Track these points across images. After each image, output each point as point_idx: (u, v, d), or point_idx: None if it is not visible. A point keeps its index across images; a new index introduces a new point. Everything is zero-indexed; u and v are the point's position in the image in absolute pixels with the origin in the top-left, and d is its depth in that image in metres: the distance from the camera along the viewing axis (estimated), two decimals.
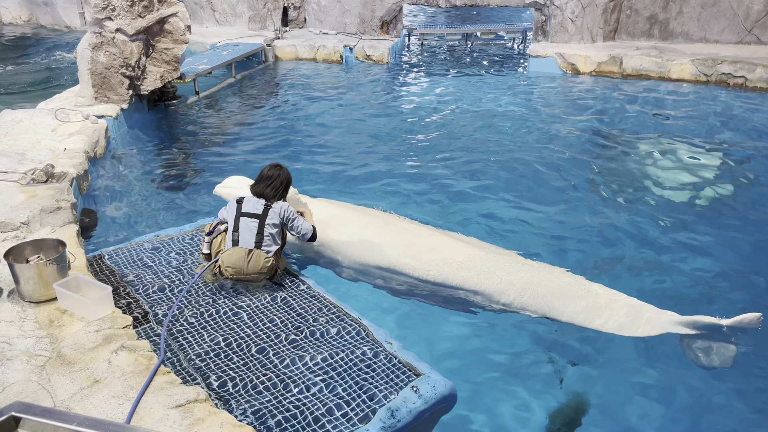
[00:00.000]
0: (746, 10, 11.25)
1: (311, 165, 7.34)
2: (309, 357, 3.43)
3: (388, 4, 13.20)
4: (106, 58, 7.54)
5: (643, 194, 6.44)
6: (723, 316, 4.00)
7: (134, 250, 4.66)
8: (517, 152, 7.68)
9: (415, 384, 3.18)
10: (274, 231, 4.26)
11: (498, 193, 6.50)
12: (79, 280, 3.63)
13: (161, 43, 8.37)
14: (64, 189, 5.09)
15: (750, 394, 3.78)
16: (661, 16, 11.88)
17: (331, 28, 13.81)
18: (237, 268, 4.16)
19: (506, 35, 15.78)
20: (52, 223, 4.55)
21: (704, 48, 11.39)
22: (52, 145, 6.26)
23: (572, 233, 5.66)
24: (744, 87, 10.15)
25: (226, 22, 14.31)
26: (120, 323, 3.41)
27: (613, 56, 11.09)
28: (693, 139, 8.03)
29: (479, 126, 8.73)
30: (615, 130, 8.54)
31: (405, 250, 4.67)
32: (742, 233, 5.65)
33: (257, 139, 8.30)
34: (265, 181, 4.38)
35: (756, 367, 3.96)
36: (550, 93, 10.52)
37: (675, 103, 9.71)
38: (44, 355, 3.11)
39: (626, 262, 5.18)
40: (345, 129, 8.74)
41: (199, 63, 10.37)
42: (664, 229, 5.70)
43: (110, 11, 7.51)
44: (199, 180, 6.91)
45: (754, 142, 8.00)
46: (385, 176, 6.96)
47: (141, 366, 3.04)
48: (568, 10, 11.96)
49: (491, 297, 4.38)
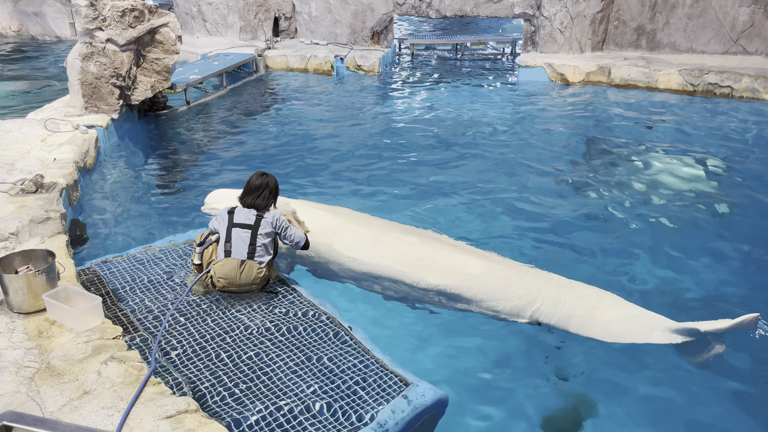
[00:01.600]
0: (732, 20, 11.42)
1: (302, 174, 7.35)
2: (300, 367, 3.43)
3: (379, 15, 13.28)
4: (97, 68, 7.53)
5: (632, 202, 6.50)
6: (720, 317, 4.06)
7: (125, 260, 4.64)
8: (507, 161, 7.73)
9: (406, 393, 3.18)
10: (266, 241, 4.26)
11: (488, 201, 6.54)
12: (69, 290, 3.61)
13: (152, 53, 8.37)
14: (54, 199, 5.07)
15: (750, 398, 3.81)
16: (648, 27, 12.03)
17: (322, 38, 13.87)
18: (229, 279, 4.14)
19: (496, 45, 15.91)
20: (42, 234, 4.53)
21: (691, 58, 11.53)
22: (41, 155, 6.23)
23: (563, 239, 5.71)
24: (730, 97, 10.27)
25: (217, 32, 14.34)
26: (110, 334, 3.39)
27: (601, 66, 11.20)
28: (680, 148, 8.12)
29: (469, 135, 8.78)
30: (603, 139, 8.62)
31: (399, 258, 4.67)
32: (730, 240, 5.72)
33: (248, 149, 8.31)
34: (255, 192, 4.36)
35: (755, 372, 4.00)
36: (540, 103, 10.60)
37: (662, 113, 9.82)
38: (33, 367, 3.09)
39: (618, 268, 5.22)
40: (336, 139, 8.77)
41: (190, 73, 10.37)
42: (653, 235, 5.76)
43: (101, 21, 7.51)
44: (189, 190, 6.90)
45: (739, 151, 8.09)
46: (376, 185, 6.99)
47: (131, 377, 3.03)
48: (557, 20, 12.08)
49: (484, 303, 4.40)
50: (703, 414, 3.69)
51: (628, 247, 5.59)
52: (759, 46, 11.41)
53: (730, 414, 3.69)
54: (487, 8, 12.73)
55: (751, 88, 10.07)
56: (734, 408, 3.72)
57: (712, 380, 3.92)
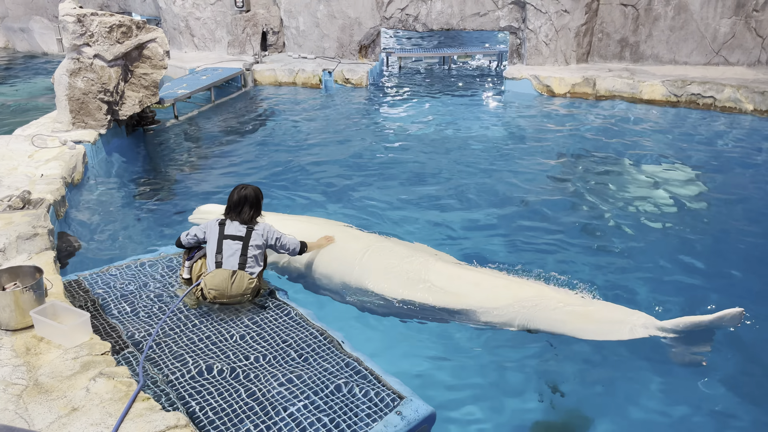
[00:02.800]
0: (713, 32, 11.62)
1: (290, 187, 7.36)
2: (292, 381, 3.42)
3: (366, 29, 13.39)
4: (84, 84, 7.53)
5: (616, 209, 6.57)
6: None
7: (113, 274, 4.62)
8: (494, 172, 7.79)
9: (399, 408, 3.18)
10: (257, 252, 4.27)
11: (475, 212, 6.58)
12: (56, 306, 3.59)
13: (140, 68, 8.38)
14: (41, 215, 5.05)
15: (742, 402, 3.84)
16: (632, 39, 12.21)
17: (310, 52, 13.94)
18: (220, 290, 4.14)
19: (482, 58, 16.07)
20: (29, 250, 4.50)
21: (674, 69, 11.71)
22: (28, 171, 6.21)
23: (550, 248, 5.76)
24: (713, 107, 10.43)
25: (205, 47, 14.38)
26: (98, 350, 3.37)
27: (586, 78, 11.34)
28: (663, 158, 8.23)
29: (457, 147, 8.84)
30: (589, 149, 8.71)
31: (386, 271, 4.69)
32: (712, 243, 5.84)
33: (236, 163, 8.31)
34: (236, 208, 4.37)
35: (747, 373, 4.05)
36: (526, 114, 10.70)
37: (647, 123, 9.95)
38: (21, 384, 3.07)
39: (605, 271, 5.29)
40: (324, 152, 8.79)
41: (178, 87, 10.39)
42: (637, 241, 5.83)
43: (88, 37, 7.52)
44: (177, 204, 6.89)
45: (721, 160, 8.21)
46: (364, 197, 7.01)
47: (120, 392, 3.01)
48: (542, 33, 12.24)
49: (473, 315, 4.42)
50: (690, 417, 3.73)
51: (612, 252, 5.68)
52: (740, 57, 11.61)
53: (707, 414, 3.73)
54: (473, 21, 12.87)
55: (733, 98, 10.23)
56: (710, 410, 3.76)
57: (696, 381, 3.96)
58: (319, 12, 13.47)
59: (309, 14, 13.59)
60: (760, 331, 4.36)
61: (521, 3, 12.29)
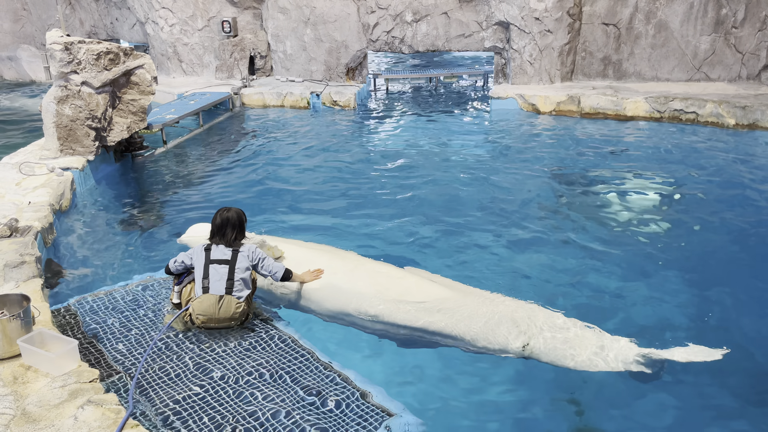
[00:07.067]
0: (694, 49, 11.85)
1: (280, 210, 7.37)
2: (282, 404, 3.41)
3: (353, 52, 13.54)
4: (72, 111, 7.55)
5: (602, 228, 6.62)
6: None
7: (101, 300, 4.60)
8: (481, 191, 7.85)
9: (388, 424, 3.18)
10: (245, 275, 4.27)
11: (464, 232, 6.61)
12: (44, 334, 3.57)
13: (128, 94, 8.42)
14: (29, 243, 5.03)
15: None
16: (614, 57, 12.43)
17: (298, 75, 14.06)
18: (208, 315, 4.14)
19: (469, 78, 16.27)
20: (16, 278, 4.48)
21: (656, 86, 11.92)
22: (16, 198, 6.19)
23: (536, 269, 5.76)
24: (695, 122, 10.60)
25: (193, 72, 14.47)
26: (86, 377, 3.35)
27: (571, 96, 11.51)
28: (648, 174, 8.33)
29: (444, 167, 8.91)
30: (575, 166, 8.81)
31: (377, 294, 4.67)
32: (694, 261, 5.87)
33: (226, 188, 8.33)
34: (220, 231, 4.40)
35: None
36: (513, 132, 10.82)
37: (631, 139, 10.08)
38: (8, 414, 3.04)
39: (587, 295, 5.30)
40: (313, 174, 8.83)
41: (166, 113, 10.43)
42: (621, 261, 5.86)
43: (76, 65, 7.56)
44: (166, 230, 6.88)
45: (705, 174, 8.32)
46: (353, 218, 7.03)
47: (108, 420, 2.99)
48: (526, 53, 12.42)
49: (465, 340, 4.40)
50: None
51: (596, 274, 5.68)
52: (721, 73, 11.84)
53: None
54: (458, 43, 13.05)
55: (715, 113, 10.40)
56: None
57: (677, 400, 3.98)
58: (306, 36, 13.62)
59: (296, 38, 13.73)
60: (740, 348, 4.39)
61: (505, 24, 12.49)
